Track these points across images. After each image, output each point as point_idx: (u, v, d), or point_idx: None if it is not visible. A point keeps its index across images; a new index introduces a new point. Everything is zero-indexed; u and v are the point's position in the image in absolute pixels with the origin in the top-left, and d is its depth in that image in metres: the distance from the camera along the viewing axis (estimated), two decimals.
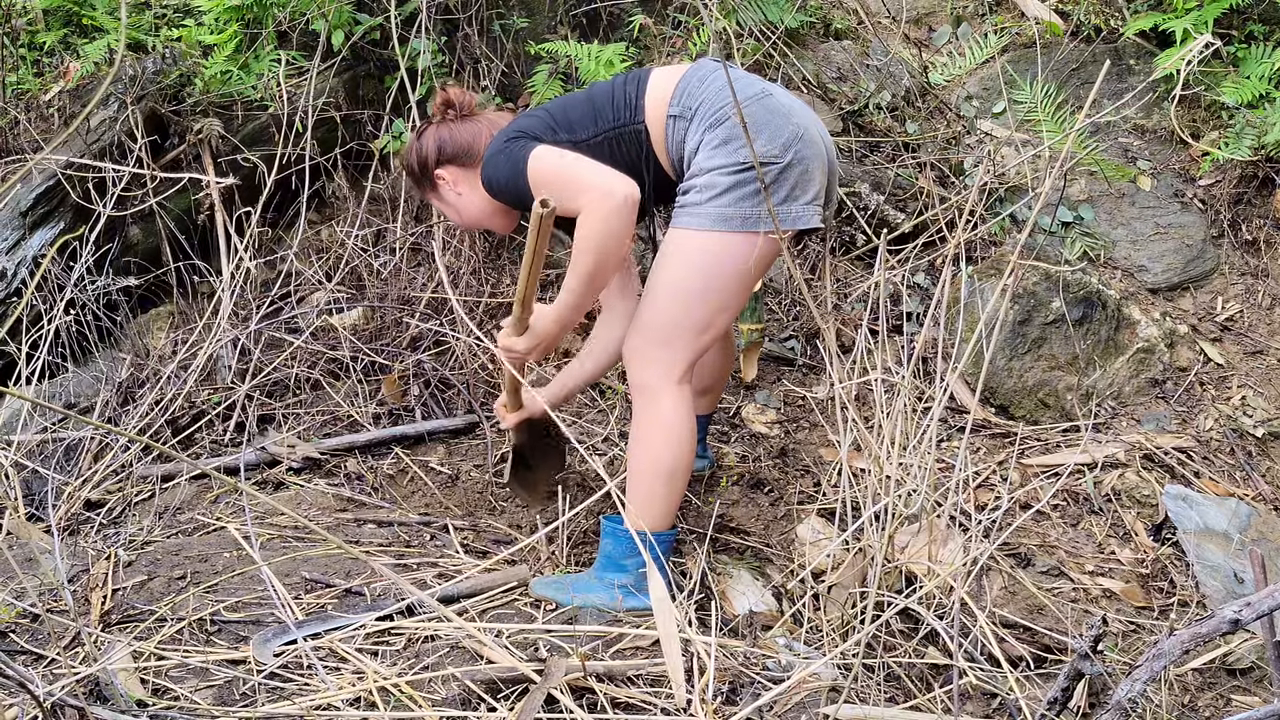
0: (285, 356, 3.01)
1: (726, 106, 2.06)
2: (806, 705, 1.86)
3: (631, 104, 2.16)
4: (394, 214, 3.37)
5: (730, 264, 2.10)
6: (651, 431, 2.16)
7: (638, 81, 2.19)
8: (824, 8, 4.13)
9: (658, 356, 2.14)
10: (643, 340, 2.16)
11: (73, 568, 2.26)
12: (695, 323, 2.13)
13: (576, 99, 2.23)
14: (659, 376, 2.14)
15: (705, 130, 2.09)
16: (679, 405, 2.15)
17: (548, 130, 2.17)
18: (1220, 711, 2.16)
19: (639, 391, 2.18)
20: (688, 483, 2.22)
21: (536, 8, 3.71)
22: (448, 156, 2.32)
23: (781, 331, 3.31)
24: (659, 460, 2.15)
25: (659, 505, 2.16)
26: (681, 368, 2.15)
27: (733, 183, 2.06)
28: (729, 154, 2.06)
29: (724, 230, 2.07)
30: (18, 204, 2.99)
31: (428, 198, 2.45)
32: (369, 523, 2.56)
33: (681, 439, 2.15)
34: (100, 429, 2.73)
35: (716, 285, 2.11)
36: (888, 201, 3.47)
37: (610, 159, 2.12)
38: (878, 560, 2.02)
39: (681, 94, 2.12)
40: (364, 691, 1.82)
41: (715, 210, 2.07)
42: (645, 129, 2.15)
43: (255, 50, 3.47)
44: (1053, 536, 2.71)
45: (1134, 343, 3.23)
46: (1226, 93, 3.62)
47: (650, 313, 2.16)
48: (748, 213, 2.07)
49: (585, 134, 2.16)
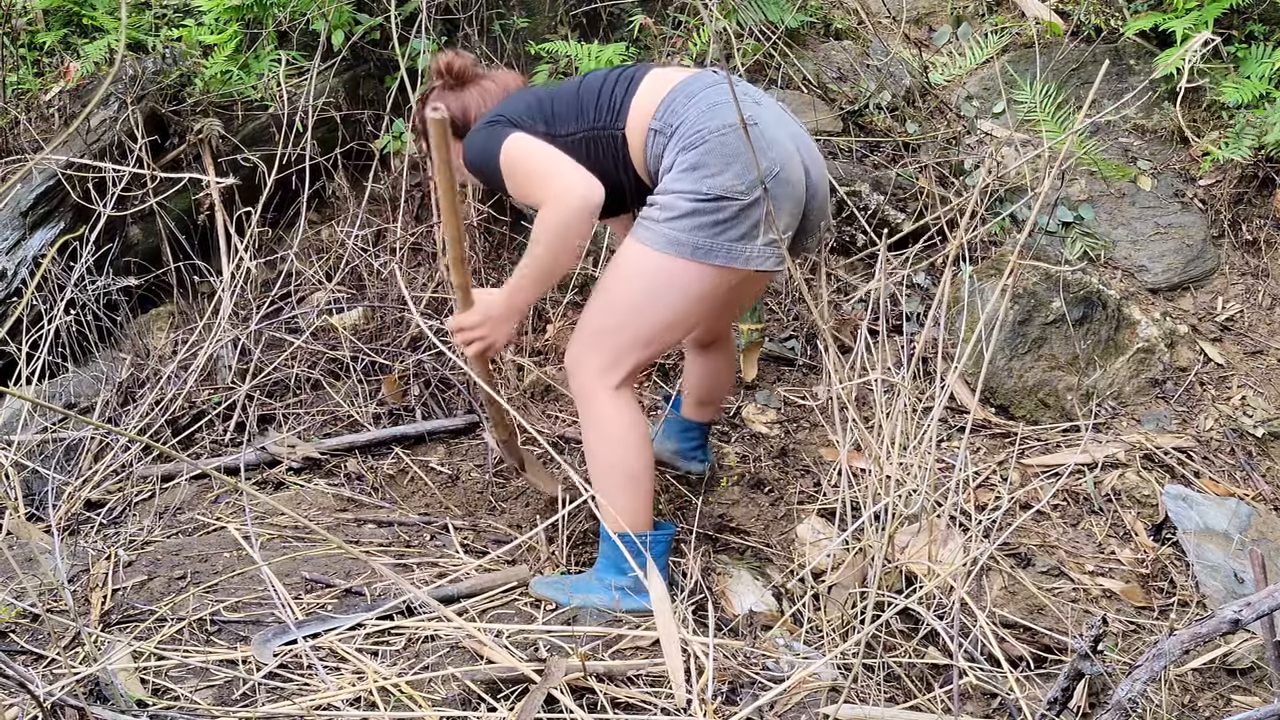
0: (285, 356, 3.01)
1: (704, 131, 2.01)
2: (806, 705, 1.86)
3: (615, 108, 2.12)
4: (394, 214, 3.37)
5: (676, 288, 2.06)
6: (592, 435, 2.17)
7: (629, 82, 2.14)
8: (824, 8, 4.13)
9: (591, 361, 2.14)
10: (578, 343, 2.17)
11: (73, 568, 2.26)
12: (631, 334, 2.11)
13: (567, 90, 2.19)
14: (591, 380, 2.14)
15: (679, 152, 2.05)
16: (615, 408, 2.13)
17: (531, 119, 2.14)
18: (1220, 711, 2.16)
19: (577, 398, 2.19)
20: (651, 483, 2.20)
21: (536, 8, 3.72)
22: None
23: (781, 331, 3.31)
24: (605, 463, 2.15)
25: (627, 504, 2.15)
26: (616, 374, 2.13)
27: (690, 209, 2.02)
28: (694, 180, 2.02)
29: (673, 254, 2.04)
30: (18, 204, 2.99)
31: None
32: (369, 523, 2.56)
33: (621, 440, 2.13)
34: (100, 429, 2.73)
35: (660, 304, 2.08)
36: (888, 202, 3.47)
37: (585, 159, 2.09)
38: (878, 560, 2.02)
39: (666, 109, 2.07)
40: (364, 691, 1.82)
41: (669, 232, 2.03)
42: (624, 136, 2.11)
43: (255, 50, 3.47)
44: (1053, 536, 2.71)
45: (1134, 343, 3.23)
46: (1226, 93, 3.62)
47: (586, 316, 2.17)
48: (700, 242, 2.02)
49: (565, 129, 2.13)
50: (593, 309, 2.17)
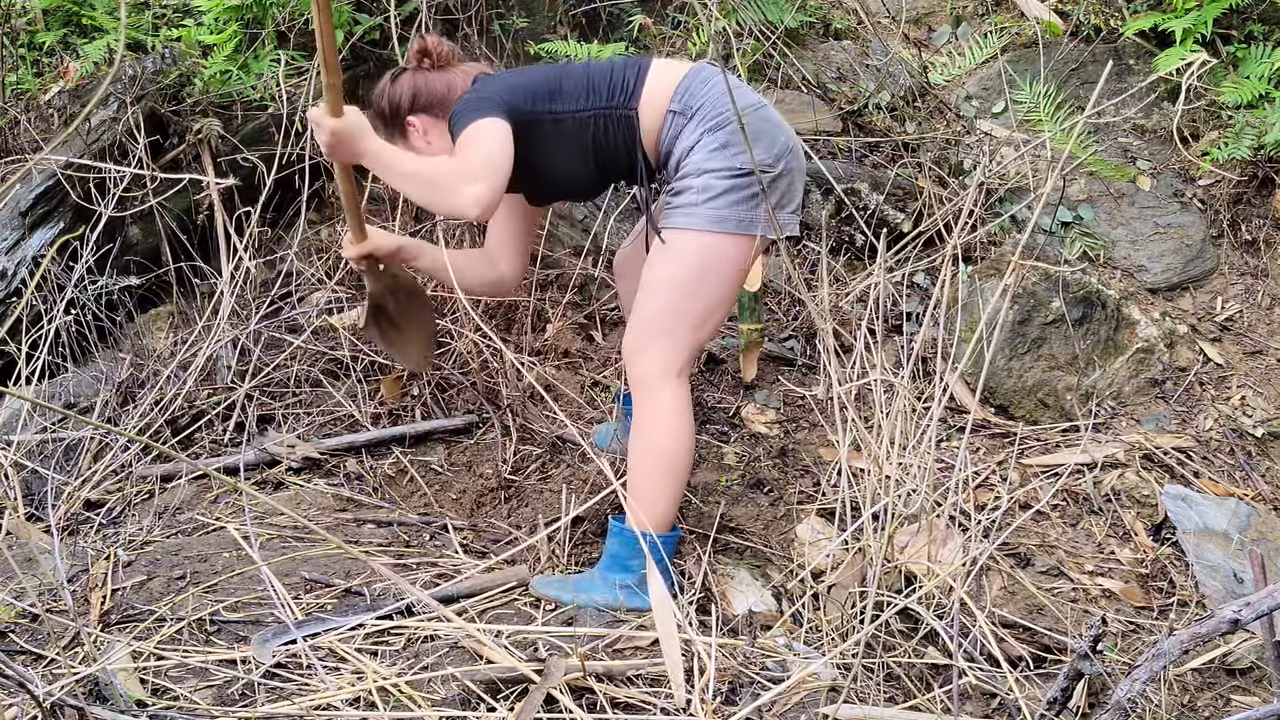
0: (285, 356, 3.01)
1: (727, 112, 2.13)
2: (806, 705, 1.86)
3: (629, 89, 2.21)
4: (394, 214, 3.36)
5: (725, 263, 2.18)
6: (654, 424, 2.19)
7: (639, 69, 2.24)
8: (824, 8, 4.13)
9: (658, 350, 2.19)
10: (643, 332, 2.21)
11: (72, 568, 2.26)
12: (691, 318, 2.19)
13: (574, 70, 2.27)
14: (658, 370, 2.19)
15: (705, 131, 2.15)
16: (679, 397, 2.19)
17: (535, 97, 2.19)
18: (1220, 711, 2.16)
19: (639, 385, 2.21)
20: (686, 480, 2.24)
21: (536, 8, 3.72)
22: (421, 105, 2.34)
23: (781, 331, 3.31)
24: (662, 452, 2.18)
25: (662, 500, 2.18)
26: (679, 361, 2.20)
27: (729, 186, 2.14)
28: (727, 158, 2.14)
29: (719, 231, 2.15)
30: (18, 204, 2.99)
31: (393, 141, 2.41)
32: (369, 523, 2.56)
33: (682, 431, 2.19)
34: (100, 429, 2.73)
35: (712, 282, 2.19)
36: (887, 201, 3.47)
37: (590, 135, 2.20)
38: (877, 560, 2.02)
39: (684, 92, 2.19)
40: (363, 691, 1.82)
41: (711, 212, 2.14)
42: (636, 115, 2.20)
43: (255, 50, 3.47)
44: (1052, 536, 2.70)
45: (1134, 343, 3.23)
46: (1226, 93, 3.62)
47: (648, 307, 2.21)
48: (742, 215, 2.15)
49: (573, 105, 2.20)
50: (653, 298, 2.21)
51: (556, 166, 2.27)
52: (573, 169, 2.28)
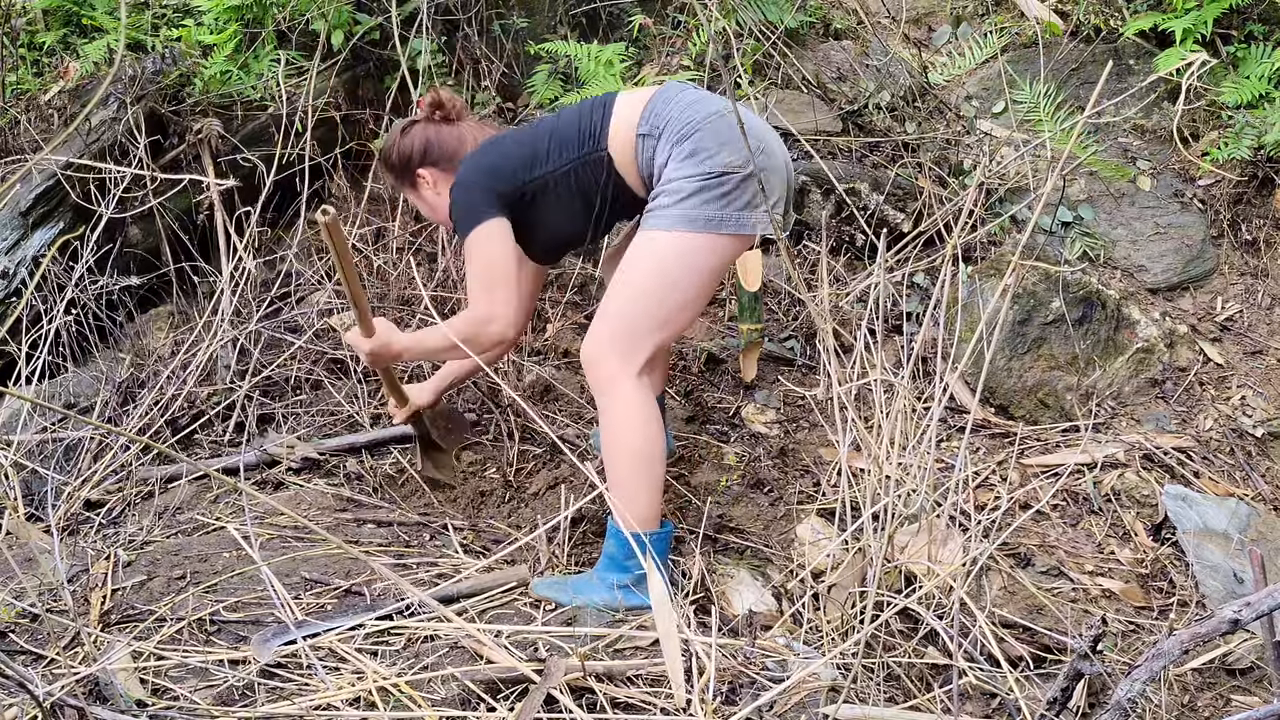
0: (285, 356, 3.01)
1: (693, 121, 2.18)
2: (806, 705, 1.86)
3: (595, 132, 2.27)
4: (394, 214, 3.37)
5: (695, 262, 2.20)
6: (619, 420, 2.20)
7: (604, 107, 2.29)
8: (824, 8, 4.13)
9: (619, 349, 2.20)
10: (607, 330, 2.22)
11: (72, 568, 2.26)
12: (657, 318, 2.21)
13: (543, 128, 2.34)
14: (618, 368, 2.20)
15: (673, 145, 2.20)
16: (638, 394, 2.20)
17: (515, 173, 2.28)
18: (1220, 711, 2.16)
19: (600, 387, 2.22)
20: (663, 473, 2.24)
21: (536, 8, 3.72)
22: (432, 159, 2.41)
23: (781, 331, 3.31)
24: (635, 449, 2.18)
25: (642, 495, 2.18)
26: (639, 361, 2.21)
27: (698, 187, 2.17)
28: (696, 164, 2.17)
29: (689, 230, 2.18)
30: (18, 204, 2.99)
31: (403, 191, 2.55)
32: (369, 523, 2.56)
33: (648, 422, 2.19)
34: (100, 429, 2.73)
35: (681, 282, 2.21)
36: (887, 201, 3.47)
37: (574, 185, 2.27)
38: (877, 560, 2.02)
39: (650, 114, 2.23)
40: (364, 691, 1.82)
41: (681, 212, 2.17)
42: (608, 154, 2.25)
43: (255, 50, 3.47)
44: (1052, 536, 2.70)
45: (1134, 343, 3.23)
46: (1226, 93, 3.62)
47: (616, 305, 2.23)
48: (711, 214, 2.17)
49: (551, 166, 2.28)
50: (621, 296, 2.23)
51: (553, 224, 2.35)
52: (569, 221, 2.35)
